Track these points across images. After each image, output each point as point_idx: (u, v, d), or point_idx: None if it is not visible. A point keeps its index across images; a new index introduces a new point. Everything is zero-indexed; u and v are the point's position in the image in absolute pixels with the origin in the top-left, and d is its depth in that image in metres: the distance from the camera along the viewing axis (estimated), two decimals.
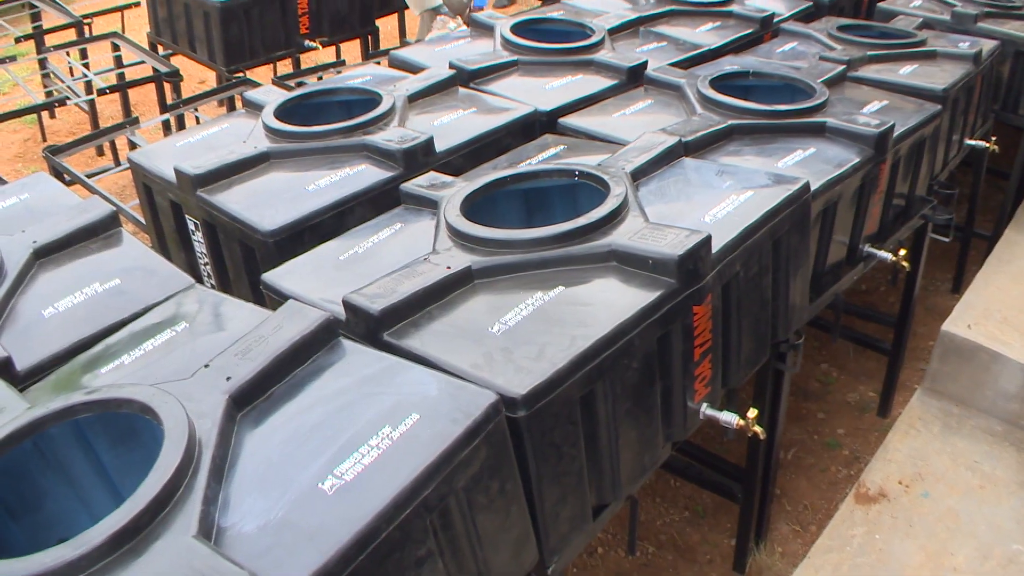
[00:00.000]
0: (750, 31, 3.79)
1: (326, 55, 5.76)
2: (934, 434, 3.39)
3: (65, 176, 3.46)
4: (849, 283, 2.92)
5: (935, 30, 4.09)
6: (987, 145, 3.88)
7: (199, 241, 2.53)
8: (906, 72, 3.42)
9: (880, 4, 4.44)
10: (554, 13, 3.83)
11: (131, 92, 5.35)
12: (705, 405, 2.09)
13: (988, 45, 3.83)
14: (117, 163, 4.85)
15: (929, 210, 3.34)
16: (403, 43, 5.30)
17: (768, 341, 2.38)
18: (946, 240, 3.80)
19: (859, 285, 4.61)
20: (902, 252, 2.95)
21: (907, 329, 3.71)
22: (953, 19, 4.24)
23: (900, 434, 3.39)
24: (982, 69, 3.69)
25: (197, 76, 6.55)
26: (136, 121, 4.01)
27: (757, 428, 2.15)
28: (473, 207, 2.15)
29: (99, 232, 2.11)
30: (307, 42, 4.93)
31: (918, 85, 3.29)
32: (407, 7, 5.98)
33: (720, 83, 2.92)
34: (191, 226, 2.53)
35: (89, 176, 3.60)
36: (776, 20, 3.94)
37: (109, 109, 6.11)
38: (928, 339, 4.18)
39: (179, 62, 5.05)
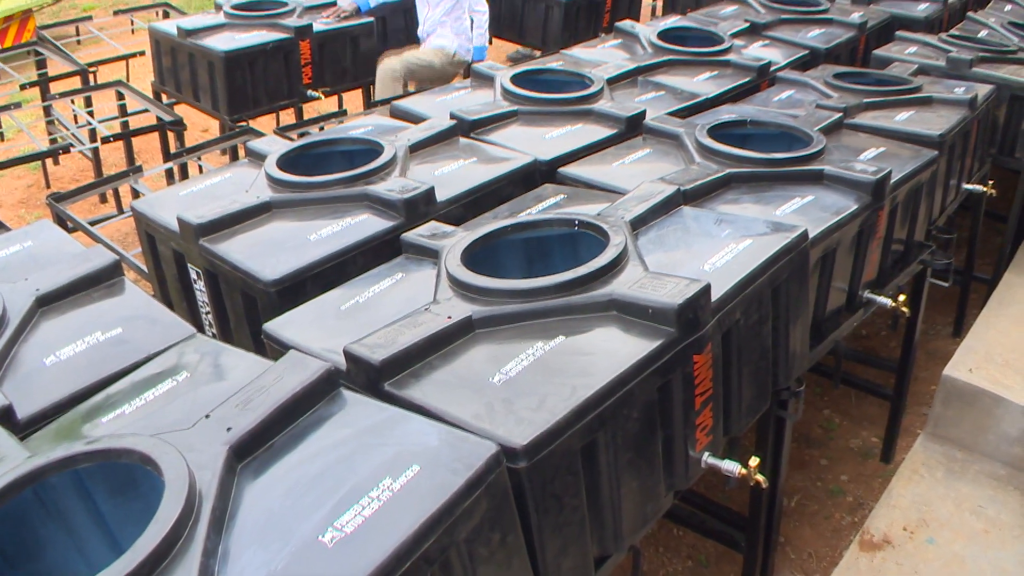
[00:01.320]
0: (747, 80, 3.84)
1: (328, 105, 5.82)
2: (938, 479, 3.37)
3: (68, 223, 3.48)
4: (849, 329, 2.93)
5: (931, 76, 4.14)
6: (984, 189, 3.90)
7: (201, 290, 2.54)
8: (902, 118, 3.45)
9: (875, 51, 4.50)
10: (553, 64, 3.88)
11: (135, 140, 5.40)
12: (707, 454, 2.09)
13: (983, 90, 3.87)
14: (120, 211, 4.89)
15: (928, 255, 3.36)
16: (405, 92, 5.34)
17: (769, 389, 2.38)
18: (945, 285, 3.81)
19: (860, 330, 4.61)
20: (902, 297, 2.96)
21: (908, 374, 3.71)
22: (948, 64, 4.29)
23: (904, 480, 3.37)
24: (978, 114, 3.73)
25: (200, 124, 6.62)
26: (139, 169, 4.04)
27: (759, 477, 2.14)
28: (474, 257, 2.16)
29: (102, 280, 2.12)
30: (310, 92, 4.99)
31: (914, 131, 3.32)
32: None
33: (718, 132, 2.95)
34: (193, 275, 2.54)
35: (92, 223, 3.62)
36: (773, 68, 3.99)
37: (113, 156, 6.16)
38: (930, 384, 4.17)
39: (182, 111, 5.11)
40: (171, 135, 4.79)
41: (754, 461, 2.14)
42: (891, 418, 3.80)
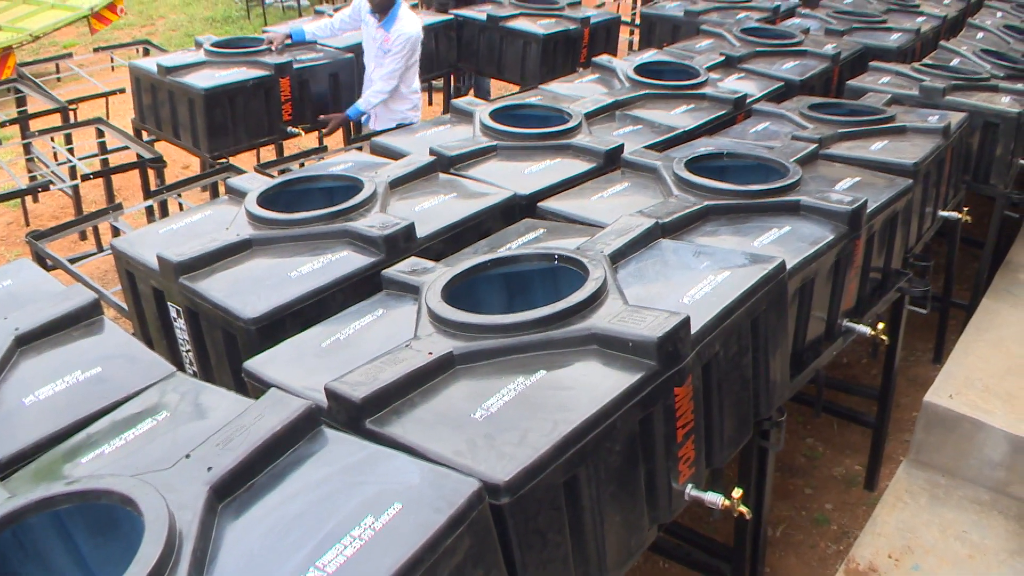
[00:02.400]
0: (724, 112, 3.88)
1: (309, 141, 5.83)
2: (922, 506, 3.38)
3: (48, 261, 3.47)
4: (829, 358, 2.94)
5: (904, 105, 4.21)
6: (960, 216, 3.95)
7: (181, 328, 2.53)
8: (877, 148, 3.50)
9: (849, 82, 4.56)
10: (532, 99, 3.92)
11: (115, 177, 5.39)
12: (690, 486, 2.09)
13: (956, 118, 3.93)
14: (100, 248, 4.87)
15: (905, 283, 3.39)
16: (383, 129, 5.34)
17: (751, 419, 2.39)
18: (923, 312, 3.84)
19: (840, 358, 4.63)
20: (880, 326, 2.98)
21: (890, 402, 3.73)
22: (921, 93, 4.36)
23: (888, 507, 3.38)
24: (951, 141, 3.78)
25: (181, 161, 6.62)
26: (119, 207, 4.03)
27: (742, 508, 2.14)
28: (454, 292, 2.17)
29: (81, 319, 2.11)
30: (290, 128, 5.00)
31: (889, 160, 3.37)
32: None
33: (695, 164, 2.98)
34: (173, 313, 2.54)
35: (72, 261, 3.61)
36: (748, 101, 4.04)
37: (93, 193, 6.15)
38: (911, 410, 4.20)
39: (163, 148, 5.11)
40: (151, 172, 4.79)
41: (737, 492, 2.14)
42: (873, 445, 3.82)
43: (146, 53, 6.76)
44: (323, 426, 1.69)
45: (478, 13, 6.32)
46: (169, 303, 2.54)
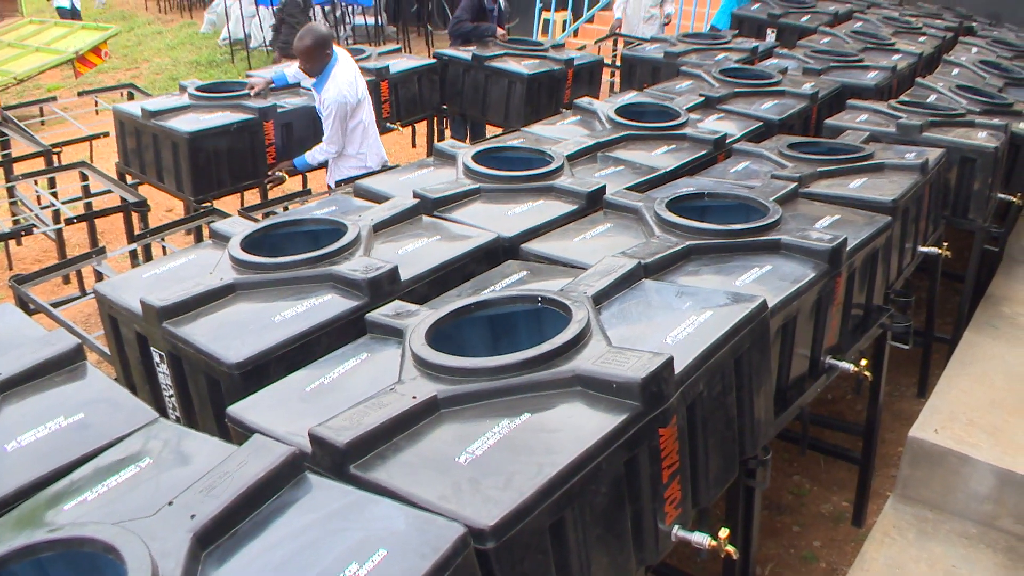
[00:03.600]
0: (704, 152, 3.93)
1: (293, 184, 5.85)
2: (909, 541, 3.37)
3: (30, 305, 3.45)
4: (813, 396, 2.95)
5: (882, 142, 4.26)
6: (940, 251, 3.99)
7: (164, 373, 2.52)
8: (856, 185, 3.54)
9: (827, 120, 4.62)
10: (514, 141, 3.95)
11: (98, 221, 5.38)
12: (677, 527, 2.09)
13: (934, 154, 3.98)
14: (83, 292, 4.84)
15: (887, 319, 3.41)
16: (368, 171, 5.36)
17: (736, 458, 2.39)
18: (906, 347, 3.86)
19: (825, 395, 4.64)
20: (863, 362, 3.00)
21: (875, 437, 3.73)
22: (899, 131, 4.41)
23: (876, 543, 3.37)
24: (929, 178, 3.83)
25: (165, 205, 6.62)
26: (103, 251, 4.03)
27: (729, 548, 2.13)
28: (439, 335, 2.18)
29: (64, 365, 2.10)
30: (275, 172, 5.02)
31: (868, 198, 3.40)
32: None
33: (677, 205, 3.01)
34: (156, 358, 2.53)
35: (55, 305, 3.59)
36: (728, 141, 4.08)
37: (76, 237, 6.13)
38: (897, 445, 4.20)
39: (147, 191, 5.11)
40: (135, 216, 4.79)
41: (724, 532, 2.14)
42: (860, 482, 3.81)
43: (130, 97, 6.79)
44: (307, 472, 1.69)
45: (463, 53, 6.39)
46: (152, 348, 2.53)
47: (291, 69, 5.32)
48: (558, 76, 6.30)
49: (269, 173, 5.10)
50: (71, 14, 12.57)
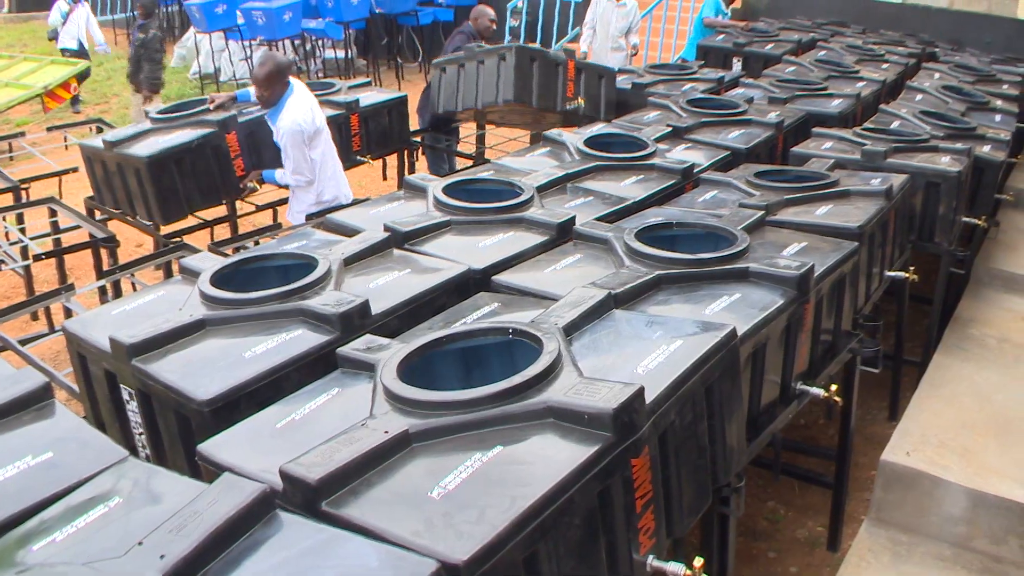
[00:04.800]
0: (672, 182, 3.96)
1: (264, 218, 5.84)
2: (884, 564, 3.39)
3: None
4: (785, 422, 2.97)
5: (847, 169, 4.32)
6: (907, 275, 4.03)
7: (134, 411, 2.50)
8: (822, 212, 3.58)
9: (793, 149, 4.68)
10: (484, 173, 3.97)
11: (67, 257, 5.35)
12: (651, 557, 2.08)
13: (898, 179, 4.04)
14: (52, 329, 4.80)
15: (856, 344, 3.44)
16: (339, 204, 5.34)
17: (710, 487, 2.40)
18: (875, 371, 3.89)
19: (798, 420, 4.67)
20: (834, 387, 3.02)
21: (848, 462, 3.76)
22: (864, 157, 4.48)
23: (851, 567, 3.38)
24: (894, 203, 3.88)
25: (135, 240, 6.58)
26: (71, 287, 4.00)
27: None
28: (411, 368, 2.17)
29: (32, 403, 2.08)
30: (248, 183, 4.95)
31: (834, 224, 3.44)
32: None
33: (646, 235, 3.03)
34: (126, 396, 2.51)
35: (23, 342, 3.55)
36: (696, 170, 4.12)
37: (45, 272, 6.08)
38: (870, 469, 4.23)
39: (116, 227, 5.09)
40: (104, 252, 4.76)
41: (699, 561, 2.14)
42: (834, 506, 3.83)
43: (99, 131, 6.76)
44: (278, 510, 1.68)
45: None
46: (122, 385, 2.51)
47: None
48: None
49: (241, 185, 5.04)
50: (79, 55, 12.05)
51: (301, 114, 4.82)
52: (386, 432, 1.88)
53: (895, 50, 8.28)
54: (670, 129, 4.79)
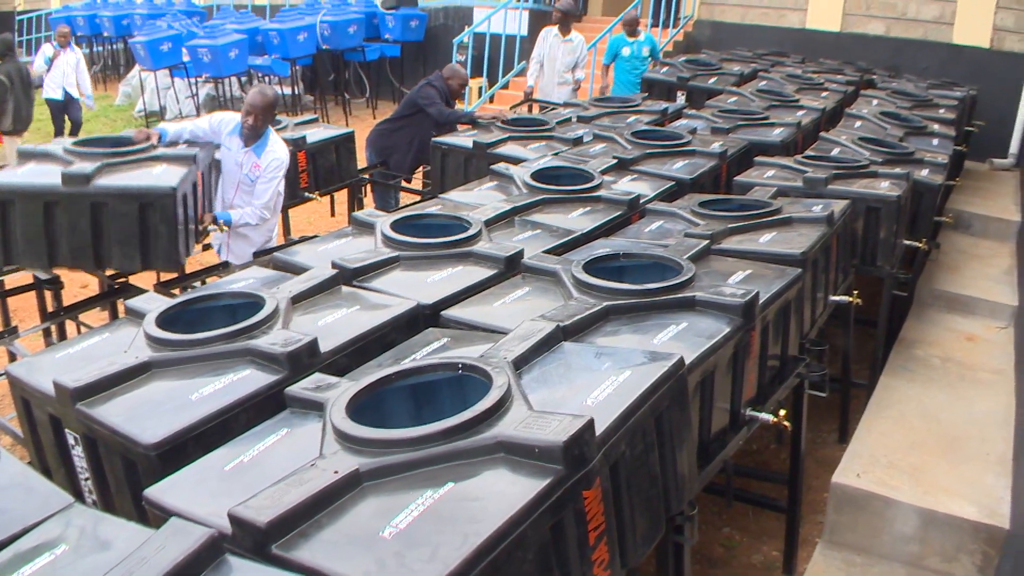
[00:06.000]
0: (619, 213, 4.01)
1: (210, 257, 5.78)
2: None
3: None
4: (736, 448, 3.00)
5: (790, 196, 4.40)
6: (850, 300, 4.11)
7: (79, 456, 2.46)
8: (766, 240, 3.64)
9: (737, 178, 4.76)
10: (432, 208, 3.98)
11: (10, 299, 5.24)
12: None
13: (839, 205, 4.13)
14: None
15: (803, 368, 3.49)
16: (288, 241, 5.31)
17: (663, 516, 2.41)
18: (823, 395, 3.95)
19: (750, 445, 4.71)
20: (782, 412, 3.05)
21: (799, 485, 3.79)
22: (805, 184, 4.57)
23: None
24: (836, 229, 3.96)
25: (79, 281, 6.47)
26: (15, 330, 3.93)
27: None
28: (360, 407, 2.16)
29: None
30: (205, 226, 4.83)
31: (778, 252, 3.51)
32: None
33: (593, 267, 3.06)
34: (71, 440, 2.46)
35: None
36: (642, 201, 4.17)
37: None
38: (823, 492, 4.27)
39: (60, 269, 4.99)
40: (48, 294, 4.67)
41: None
42: (788, 530, 3.86)
43: None
44: (228, 554, 1.65)
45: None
46: (66, 430, 2.46)
47: (173, 126, 4.94)
48: None
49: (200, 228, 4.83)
50: (64, 108, 11.14)
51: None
52: (336, 472, 1.86)
53: (834, 78, 8.48)
54: (616, 161, 4.84)
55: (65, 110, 11.11)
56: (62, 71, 10.88)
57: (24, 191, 4.01)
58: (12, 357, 3.81)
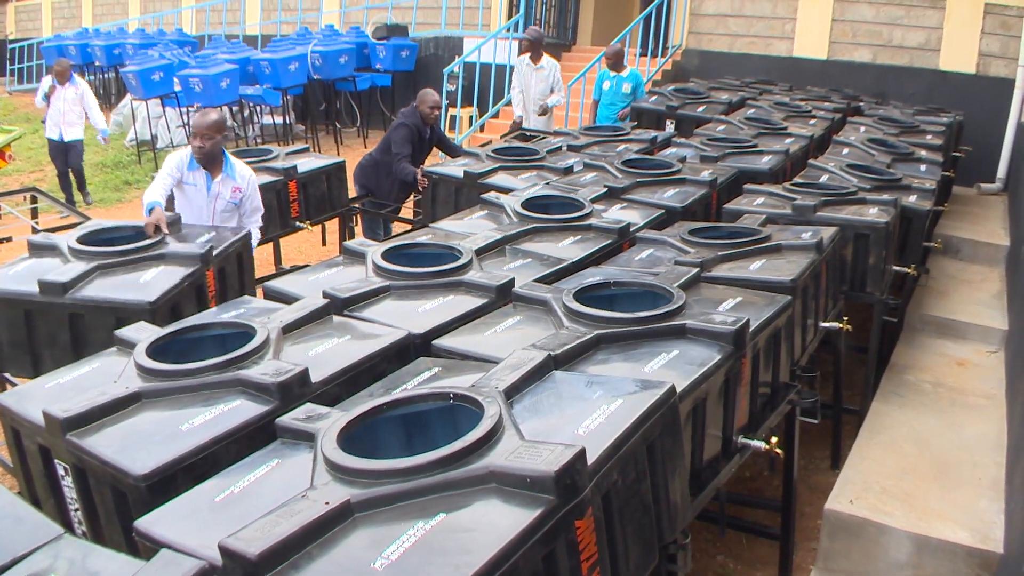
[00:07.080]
0: (609, 242, 4.02)
1: None
2: None
3: None
4: (728, 476, 2.99)
5: (779, 224, 4.42)
6: (840, 326, 4.12)
7: (69, 486, 2.44)
8: (756, 267, 3.66)
9: (726, 205, 4.79)
10: (423, 237, 3.99)
11: None
12: None
13: (828, 232, 4.15)
14: None
15: (795, 395, 3.50)
16: (279, 271, 5.31)
17: (655, 544, 2.40)
18: (815, 421, 3.95)
19: (742, 473, 4.70)
20: (774, 440, 3.05)
21: (792, 512, 3.78)
22: (794, 212, 4.60)
23: None
24: (825, 255, 3.98)
25: None
26: None
27: None
28: (351, 437, 2.16)
29: None
30: None
31: (768, 279, 3.52)
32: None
33: (584, 295, 3.06)
34: (60, 471, 2.45)
35: None
36: (632, 229, 4.19)
37: None
38: (816, 518, 4.26)
39: None
40: None
41: None
42: (782, 558, 3.85)
43: (34, 201, 6.66)
44: None
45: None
46: (56, 460, 2.45)
47: (158, 192, 4.58)
48: None
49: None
50: (64, 148, 10.12)
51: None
52: (327, 503, 1.86)
53: (821, 106, 8.55)
54: (606, 189, 4.87)
55: (66, 152, 10.17)
56: (59, 109, 10.02)
57: (5, 298, 3.67)
58: (1, 387, 3.79)
